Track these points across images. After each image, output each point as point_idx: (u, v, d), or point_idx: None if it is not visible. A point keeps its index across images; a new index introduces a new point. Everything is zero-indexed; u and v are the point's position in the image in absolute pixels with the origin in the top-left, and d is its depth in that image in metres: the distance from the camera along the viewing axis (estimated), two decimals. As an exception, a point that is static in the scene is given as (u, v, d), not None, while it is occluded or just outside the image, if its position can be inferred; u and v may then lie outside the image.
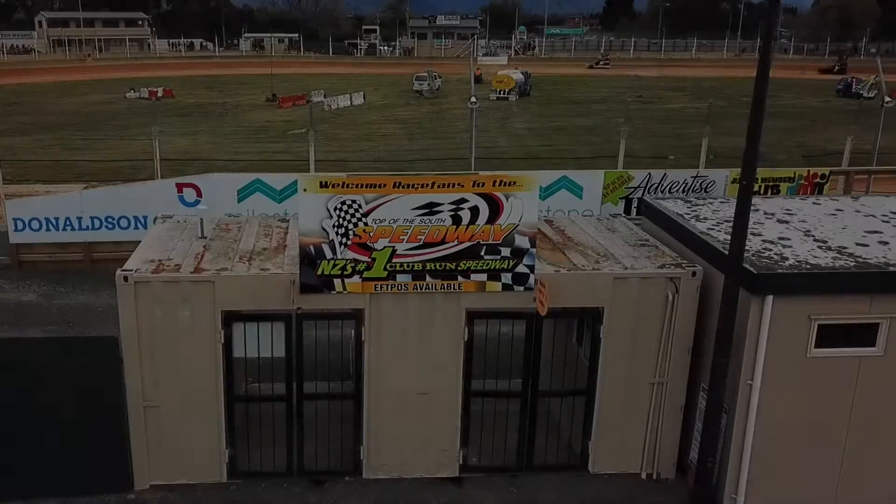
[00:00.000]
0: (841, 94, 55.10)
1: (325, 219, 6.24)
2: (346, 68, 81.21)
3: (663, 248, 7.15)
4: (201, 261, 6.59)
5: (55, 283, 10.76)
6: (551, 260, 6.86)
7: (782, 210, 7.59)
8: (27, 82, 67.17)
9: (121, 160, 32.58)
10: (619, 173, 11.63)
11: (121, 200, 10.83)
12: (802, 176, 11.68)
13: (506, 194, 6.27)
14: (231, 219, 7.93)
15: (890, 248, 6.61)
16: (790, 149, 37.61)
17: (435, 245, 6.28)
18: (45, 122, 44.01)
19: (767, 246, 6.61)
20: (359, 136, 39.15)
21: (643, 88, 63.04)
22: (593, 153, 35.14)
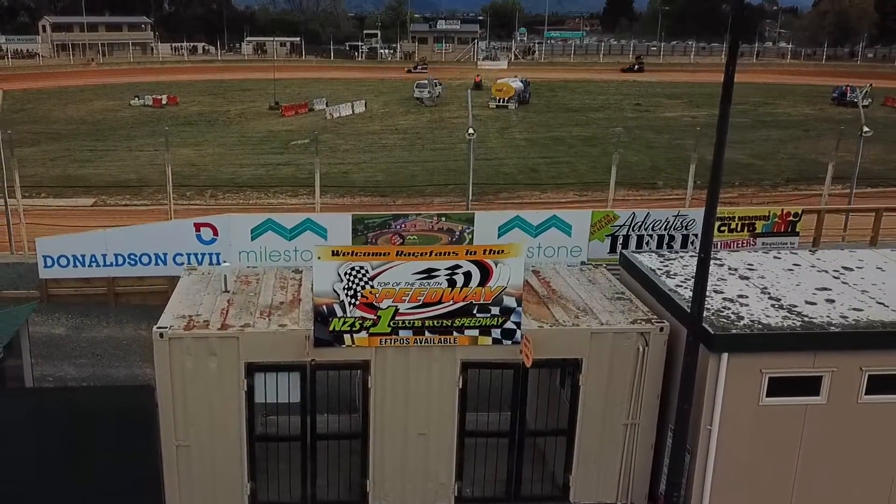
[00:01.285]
0: (836, 103, 55.79)
1: (337, 282, 7.08)
2: (348, 72, 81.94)
3: (637, 303, 7.98)
4: (226, 317, 7.43)
5: (82, 316, 11.59)
6: (536, 315, 7.69)
7: (745, 265, 8.42)
8: (33, 87, 67.91)
9: (129, 174, 33.44)
10: (606, 213, 12.42)
11: (142, 239, 11.66)
12: (776, 214, 12.45)
13: (495, 261, 7.10)
14: (250, 270, 8.77)
15: (834, 307, 7.44)
16: (782, 160, 38.35)
17: (433, 305, 7.12)
18: (52, 130, 44.74)
19: (727, 304, 7.44)
20: (360, 148, 39.86)
21: (641, 96, 63.71)
22: (591, 166, 35.90)
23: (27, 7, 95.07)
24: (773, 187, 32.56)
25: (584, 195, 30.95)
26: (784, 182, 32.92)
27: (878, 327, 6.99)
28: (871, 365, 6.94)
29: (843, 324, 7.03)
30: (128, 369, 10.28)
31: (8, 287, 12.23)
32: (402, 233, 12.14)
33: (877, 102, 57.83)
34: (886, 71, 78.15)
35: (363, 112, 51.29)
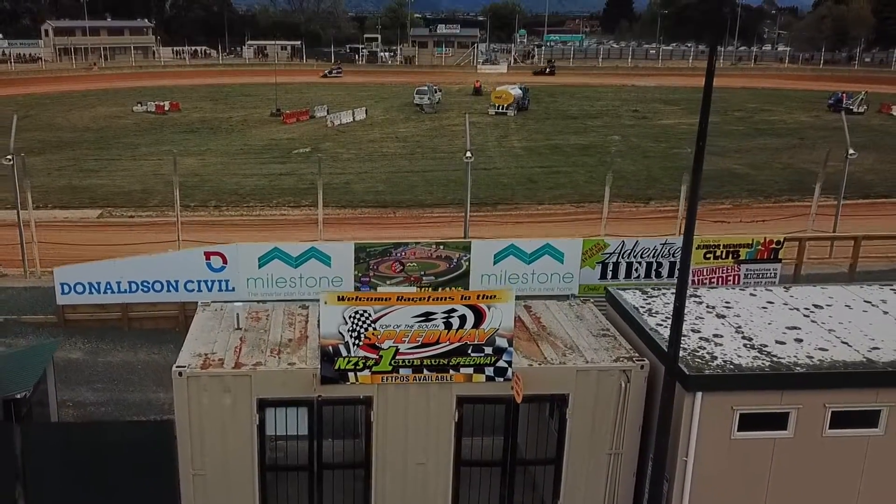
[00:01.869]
0: (832, 109, 56.22)
1: (342, 325, 7.65)
2: (348, 77, 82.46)
3: (620, 340, 8.56)
4: (239, 355, 8.01)
5: (97, 340, 12.15)
6: (527, 352, 8.27)
7: (722, 303, 9.00)
8: (36, 92, 68.41)
9: (134, 185, 33.93)
10: (596, 241, 12.97)
11: (155, 267, 12.24)
12: (760, 242, 13.00)
13: (488, 305, 7.68)
14: (260, 306, 9.34)
15: (802, 346, 8.01)
16: (776, 171, 38.85)
17: (431, 345, 7.71)
18: (57, 138, 45.22)
19: (703, 344, 8.01)
20: (361, 157, 40.38)
21: (640, 101, 64.22)
22: (588, 176, 36.32)
23: (29, 10, 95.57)
24: (766, 198, 33.19)
25: (580, 207, 31.49)
26: (777, 193, 33.55)
27: (841, 367, 7.57)
28: (834, 402, 7.52)
29: (808, 364, 7.61)
30: (142, 394, 10.86)
31: (26, 312, 12.82)
32: (402, 260, 12.72)
33: (872, 109, 58.45)
34: (883, 76, 78.54)
35: (364, 119, 51.82)
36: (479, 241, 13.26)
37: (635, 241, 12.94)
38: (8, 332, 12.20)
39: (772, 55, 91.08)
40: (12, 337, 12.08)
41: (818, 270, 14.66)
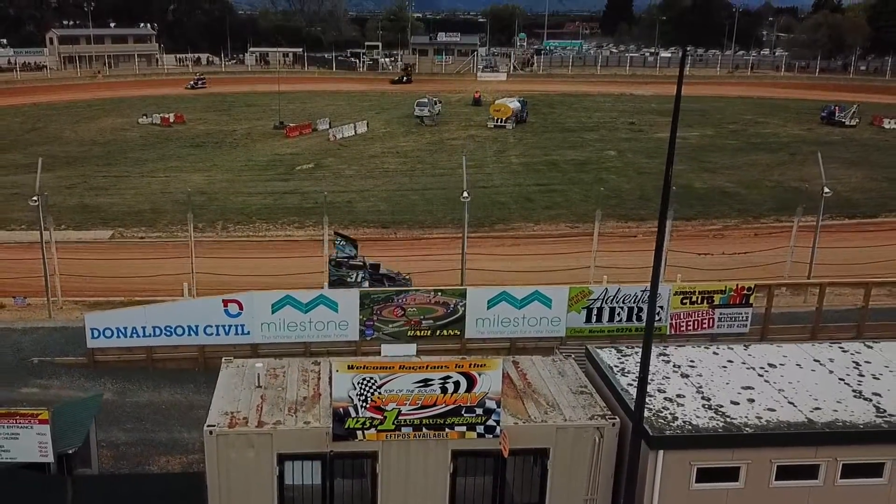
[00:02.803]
0: (824, 122, 57.25)
1: (351, 390, 8.77)
2: (350, 84, 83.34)
3: (596, 397, 9.66)
4: (261, 413, 9.12)
5: (124, 381, 13.24)
6: (513, 409, 9.38)
7: (687, 362, 10.08)
8: (42, 101, 69.41)
9: (143, 204, 34.98)
10: (582, 288, 14.05)
11: (177, 313, 13.34)
12: (732, 289, 14.07)
13: (479, 372, 8.80)
14: (276, 362, 10.44)
15: (753, 407, 9.10)
16: (766, 189, 39.87)
17: (429, 407, 8.83)
18: (65, 153, 46.21)
19: (666, 405, 9.11)
20: (363, 173, 41.42)
21: (636, 112, 65.14)
22: (583, 195, 37.34)
23: (33, 17, 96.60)
24: (755, 218, 34.26)
25: (575, 227, 32.59)
26: (766, 213, 34.59)
27: (785, 428, 8.66)
28: (779, 458, 8.61)
29: (757, 424, 8.71)
30: (168, 433, 11.97)
31: (58, 353, 13.92)
32: (403, 306, 13.82)
33: (864, 121, 59.42)
34: (878, 85, 79.55)
35: (365, 132, 52.79)
36: (473, 288, 14.37)
37: (617, 287, 14.03)
38: (43, 373, 13.32)
39: (769, 63, 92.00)
40: (47, 378, 13.20)
41: (791, 309, 15.73)
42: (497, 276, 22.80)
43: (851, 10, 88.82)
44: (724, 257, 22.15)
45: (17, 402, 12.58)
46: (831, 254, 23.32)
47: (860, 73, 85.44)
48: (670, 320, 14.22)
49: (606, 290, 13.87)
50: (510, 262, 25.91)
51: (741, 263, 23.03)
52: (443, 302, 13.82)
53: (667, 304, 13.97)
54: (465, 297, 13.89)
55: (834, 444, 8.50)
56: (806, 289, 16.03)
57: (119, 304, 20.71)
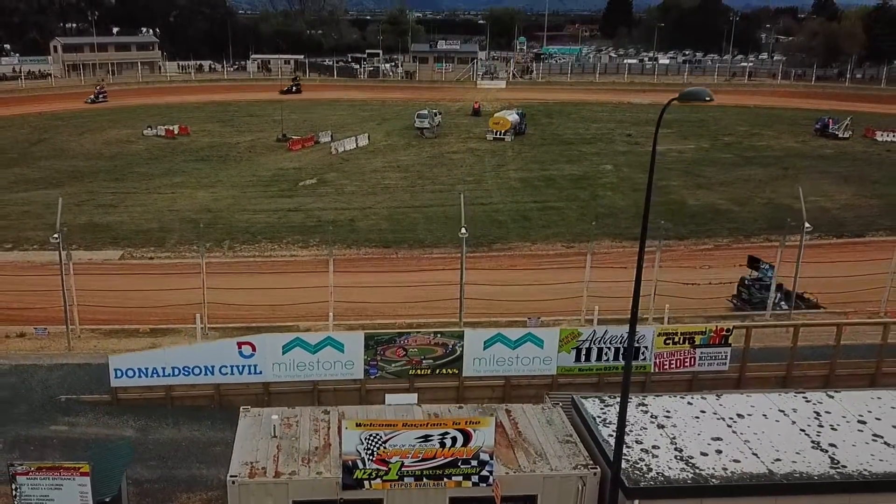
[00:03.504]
0: (818, 134, 58.09)
1: (359, 445, 9.77)
2: (351, 92, 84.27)
3: (580, 447, 10.63)
4: (278, 464, 10.11)
5: (146, 418, 14.21)
6: (505, 459, 10.37)
7: (664, 413, 11.04)
8: (47, 111, 70.27)
9: (151, 223, 35.90)
10: (571, 330, 15.01)
11: (194, 355, 14.30)
12: (712, 330, 15.04)
13: (474, 429, 9.80)
14: (290, 412, 11.41)
15: (720, 458, 10.07)
16: (757, 206, 40.74)
17: (429, 460, 9.84)
18: (72, 167, 47.03)
19: (642, 456, 10.09)
20: (365, 189, 42.34)
21: (634, 123, 65.89)
22: (579, 213, 38.28)
23: (37, 23, 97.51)
24: (746, 237, 35.19)
25: (570, 248, 33.56)
26: (757, 232, 35.51)
27: (747, 479, 9.63)
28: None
29: (722, 476, 9.69)
30: (188, 470, 12.94)
31: (83, 390, 14.90)
32: (405, 346, 14.79)
33: (857, 133, 60.26)
34: (872, 93, 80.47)
35: (366, 145, 53.68)
36: (470, 330, 15.36)
37: (605, 329, 14.99)
38: (70, 410, 14.31)
39: (766, 71, 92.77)
40: (74, 415, 14.18)
41: (770, 344, 16.66)
42: (494, 305, 23.84)
43: (847, 18, 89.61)
44: (711, 284, 23.11)
45: (49, 440, 13.59)
46: (815, 281, 24.25)
47: (856, 81, 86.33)
48: (654, 359, 15.19)
49: (594, 332, 14.84)
50: (508, 283, 27.01)
51: (727, 292, 24.01)
52: (442, 343, 14.80)
53: (651, 345, 14.95)
54: (462, 338, 14.87)
55: (791, 494, 9.47)
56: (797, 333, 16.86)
57: (135, 334, 21.79)
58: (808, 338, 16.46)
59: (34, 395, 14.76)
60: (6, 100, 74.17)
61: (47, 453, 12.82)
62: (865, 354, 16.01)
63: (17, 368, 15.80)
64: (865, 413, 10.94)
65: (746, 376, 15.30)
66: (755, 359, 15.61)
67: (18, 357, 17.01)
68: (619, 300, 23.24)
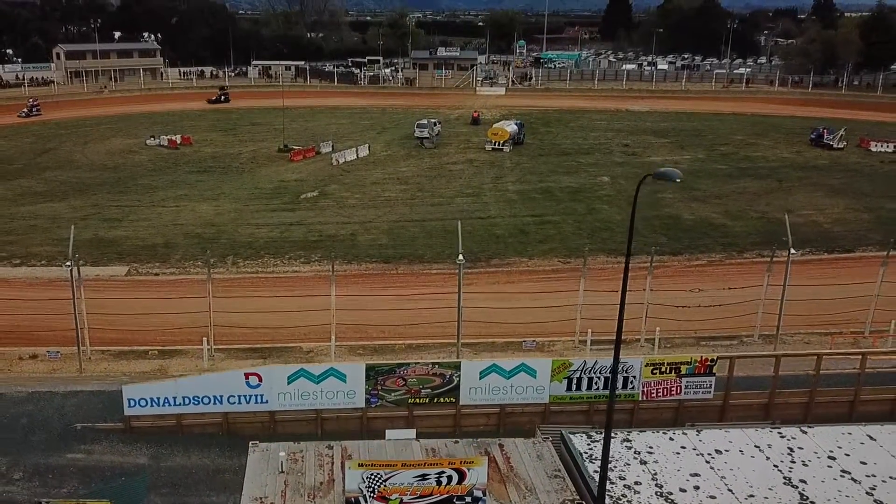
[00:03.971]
0: (813, 144, 58.74)
1: (361, 483, 10.49)
2: (351, 99, 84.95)
3: (567, 482, 11.34)
4: (285, 499, 10.84)
5: (157, 445, 14.91)
6: (497, 494, 11.09)
7: (646, 448, 11.74)
8: (51, 119, 70.95)
9: (156, 238, 36.53)
10: (563, 361, 15.72)
11: (204, 385, 15.02)
12: (697, 360, 15.74)
13: (468, 468, 10.52)
14: (296, 447, 12.13)
15: (698, 494, 10.78)
16: (751, 221, 41.36)
17: (426, 496, 10.57)
18: (77, 179, 47.61)
19: (625, 492, 10.80)
20: (365, 201, 42.99)
21: (631, 132, 66.55)
22: (576, 227, 38.93)
23: (39, 28, 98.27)
24: (738, 253, 35.85)
25: (566, 263, 34.22)
26: (750, 247, 36.17)
27: (723, 516, 10.38)
28: (718, 541, 10.34)
29: (699, 513, 10.43)
30: (199, 497, 13.65)
31: (98, 418, 15.62)
32: (404, 376, 15.50)
33: (852, 143, 60.93)
34: (869, 100, 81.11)
35: (367, 156, 54.34)
36: (466, 361, 16.07)
37: (595, 360, 15.70)
38: (86, 438, 15.02)
39: (763, 78, 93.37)
40: (89, 443, 14.89)
41: (753, 373, 17.36)
42: (492, 326, 24.48)
43: (844, 25, 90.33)
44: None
45: (67, 468, 14.31)
46: (801, 305, 24.70)
47: (853, 88, 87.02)
48: (642, 388, 15.90)
49: (584, 363, 15.55)
50: (505, 300, 27.67)
51: (716, 314, 24.51)
52: (439, 373, 15.52)
53: (639, 374, 15.66)
54: (459, 368, 15.59)
55: (763, 529, 10.19)
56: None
57: (144, 356, 22.49)
58: (790, 366, 17.17)
59: (51, 423, 15.48)
60: (9, 107, 74.95)
61: (66, 481, 13.55)
62: (845, 382, 16.71)
63: (33, 396, 16.52)
64: (835, 449, 11.65)
65: (730, 404, 16.02)
66: (739, 387, 16.33)
67: (34, 383, 17.74)
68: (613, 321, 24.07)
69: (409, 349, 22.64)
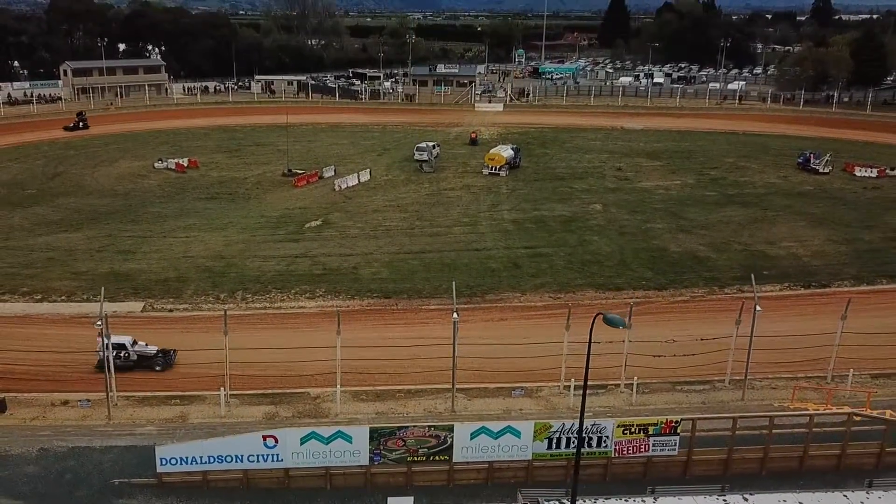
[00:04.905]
0: (800, 168, 60.57)
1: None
2: (353, 115, 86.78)
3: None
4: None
5: (186, 499, 16.81)
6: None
7: None
8: (59, 137, 72.69)
9: (169, 271, 38.31)
10: (544, 423, 17.65)
11: (227, 446, 16.96)
12: (663, 422, 17.67)
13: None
14: None
15: None
16: (735, 253, 42.99)
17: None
18: (90, 207, 49.01)
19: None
20: (367, 231, 44.76)
21: (625, 154, 68.03)
22: (566, 261, 40.70)
23: (45, 43, 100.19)
24: (720, 288, 37.68)
25: (557, 299, 36.11)
26: (731, 282, 37.97)
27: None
28: None
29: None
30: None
31: (133, 474, 17.58)
32: (404, 438, 17.46)
33: (837, 167, 62.64)
34: (858, 118, 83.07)
35: (368, 181, 56.13)
36: (459, 424, 18.03)
37: (572, 422, 17.67)
38: (123, 492, 16.97)
39: (756, 95, 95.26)
40: (126, 498, 16.83)
41: (713, 432, 19.23)
42: (485, 371, 26.22)
43: (835, 43, 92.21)
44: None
45: (107, 524, 16.29)
46: (770, 350, 26.45)
47: (843, 105, 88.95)
48: (615, 446, 17.86)
49: (563, 425, 17.50)
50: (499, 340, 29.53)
51: (690, 362, 26.27)
52: (435, 435, 17.46)
53: (611, 434, 17.61)
54: (452, 430, 17.54)
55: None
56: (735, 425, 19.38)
57: (166, 402, 24.37)
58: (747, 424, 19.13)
59: (92, 479, 17.42)
60: (19, 125, 76.91)
61: (109, 535, 15.51)
62: (795, 440, 18.66)
63: (74, 451, 18.46)
64: (774, 515, 13.59)
65: (693, 459, 17.97)
66: (701, 444, 18.30)
67: (71, 434, 19.69)
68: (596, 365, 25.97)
69: (408, 395, 24.58)
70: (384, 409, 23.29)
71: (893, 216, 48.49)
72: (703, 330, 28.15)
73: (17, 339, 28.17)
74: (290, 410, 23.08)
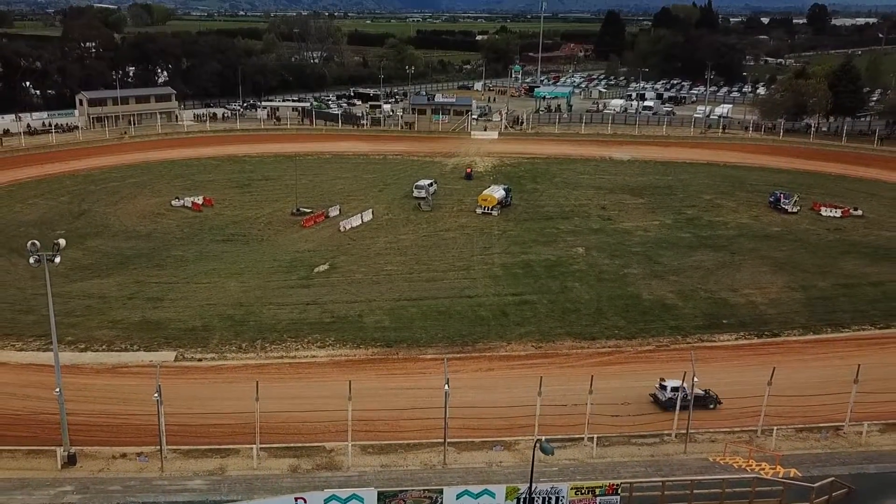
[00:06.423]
0: (771, 207, 65.14)
1: None
2: (355, 143, 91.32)
3: None
4: None
5: None
6: None
7: None
8: (80, 169, 76.80)
9: (195, 321, 42.92)
10: (514, 487, 22.36)
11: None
12: (606, 486, 22.41)
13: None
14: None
15: None
16: (700, 301, 47.56)
17: None
18: (117, 251, 52.74)
19: None
20: (370, 276, 49.18)
21: (610, 191, 72.13)
22: (549, 308, 45.48)
23: (60, 68, 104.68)
24: (683, 337, 42.35)
25: (539, 348, 40.87)
26: (693, 330, 42.65)
27: None
28: None
29: None
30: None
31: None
32: (405, 499, 22.22)
33: (805, 206, 67.08)
34: (833, 150, 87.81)
35: (370, 220, 60.69)
36: (447, 487, 22.80)
37: (535, 485, 22.44)
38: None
39: (738, 124, 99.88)
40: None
41: (647, 487, 24.01)
42: (470, 427, 30.75)
43: (814, 74, 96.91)
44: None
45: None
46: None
47: (821, 135, 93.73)
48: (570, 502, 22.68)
49: (530, 489, 22.32)
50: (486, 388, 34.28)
51: (645, 420, 31.01)
52: (428, 495, 22.22)
53: (566, 495, 22.38)
54: (442, 493, 22.32)
55: None
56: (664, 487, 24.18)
57: (207, 454, 29.08)
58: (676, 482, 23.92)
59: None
60: (40, 157, 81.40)
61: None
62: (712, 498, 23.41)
63: (142, 509, 23.23)
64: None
65: (633, 515, 22.77)
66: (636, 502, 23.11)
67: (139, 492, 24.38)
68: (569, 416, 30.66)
69: (407, 448, 29.30)
70: (388, 462, 28.03)
71: (848, 261, 53.21)
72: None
73: (70, 390, 32.46)
74: (310, 463, 27.82)
